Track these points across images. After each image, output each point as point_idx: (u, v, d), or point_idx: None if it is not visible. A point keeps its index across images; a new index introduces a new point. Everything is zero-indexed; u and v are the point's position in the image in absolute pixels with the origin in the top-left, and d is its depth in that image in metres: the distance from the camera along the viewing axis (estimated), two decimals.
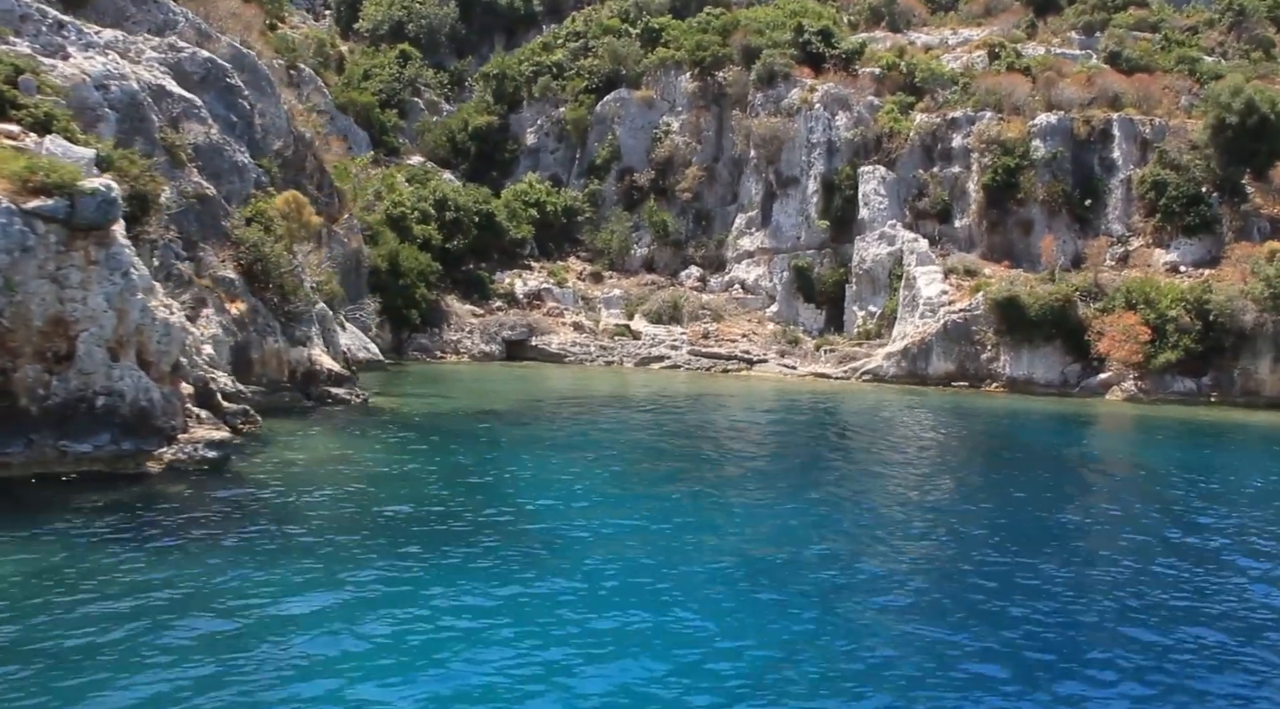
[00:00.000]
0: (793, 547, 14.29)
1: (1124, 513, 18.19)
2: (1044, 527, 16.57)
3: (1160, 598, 12.63)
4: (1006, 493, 19.52)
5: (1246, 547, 15.53)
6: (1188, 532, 16.47)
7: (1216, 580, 13.50)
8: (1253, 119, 46.00)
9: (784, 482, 19.56)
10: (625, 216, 57.43)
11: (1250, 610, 12.23)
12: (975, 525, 16.27)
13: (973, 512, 17.61)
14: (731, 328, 51.05)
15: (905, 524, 16.33)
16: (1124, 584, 13.21)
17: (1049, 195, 49.73)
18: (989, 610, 11.91)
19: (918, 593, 12.67)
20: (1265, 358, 43.22)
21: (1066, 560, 14.36)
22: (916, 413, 34.89)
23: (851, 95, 54.98)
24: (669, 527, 15.11)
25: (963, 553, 14.47)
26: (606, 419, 29.04)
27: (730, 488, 18.78)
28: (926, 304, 46.51)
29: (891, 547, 14.71)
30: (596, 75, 61.51)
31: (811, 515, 16.28)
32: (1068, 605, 12.18)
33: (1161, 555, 14.79)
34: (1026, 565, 13.82)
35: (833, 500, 17.76)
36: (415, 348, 45.77)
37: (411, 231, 48.16)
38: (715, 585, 12.30)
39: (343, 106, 59.28)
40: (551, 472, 19.32)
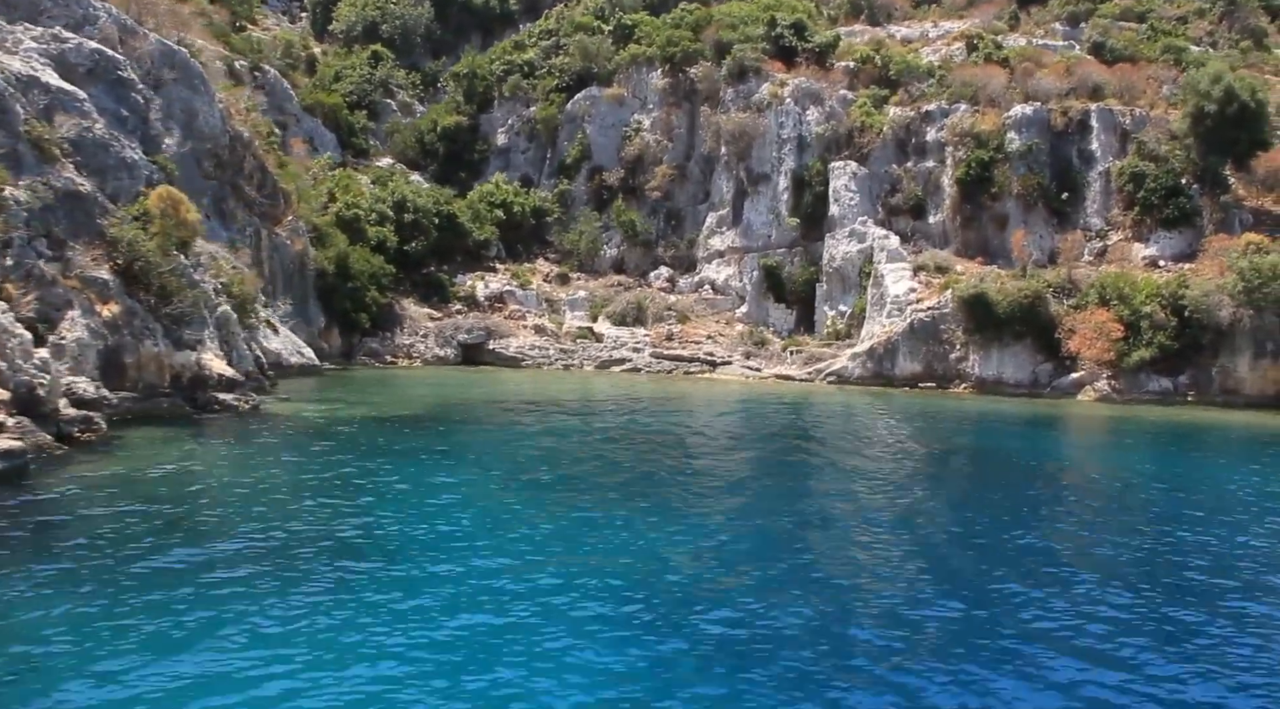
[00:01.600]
0: (671, 577, 12.78)
1: (1091, 535, 15.89)
2: (1002, 558, 14.14)
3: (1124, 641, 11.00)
4: (960, 515, 17.05)
5: (1225, 574, 13.60)
6: (1162, 558, 14.41)
7: (1192, 621, 11.72)
8: (1232, 107, 44.13)
9: (703, 497, 17.64)
10: (594, 217, 56.13)
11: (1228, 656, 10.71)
12: (923, 559, 14.08)
13: (919, 541, 15.14)
14: (697, 329, 49.58)
15: (844, 552, 14.45)
16: (1086, 616, 11.65)
17: (1024, 189, 48.00)
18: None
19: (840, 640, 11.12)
20: (1244, 355, 41.33)
21: (1027, 596, 12.33)
22: (875, 418, 33.31)
23: (824, 89, 53.46)
24: (534, 552, 13.57)
25: (909, 594, 12.33)
26: (526, 425, 27.64)
27: (630, 503, 16.75)
28: (894, 303, 44.91)
29: (817, 583, 12.93)
30: (568, 73, 60.29)
31: (713, 539, 14.68)
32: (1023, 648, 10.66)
33: (1127, 586, 12.93)
34: (976, 606, 12.01)
35: (748, 519, 16.12)
36: (365, 352, 44.56)
37: (365, 233, 47.03)
38: (567, 622, 10.82)
39: (310, 108, 58.32)
40: (430, 483, 17.92)
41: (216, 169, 38.53)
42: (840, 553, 14.22)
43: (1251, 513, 17.83)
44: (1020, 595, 12.25)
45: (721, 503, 17.27)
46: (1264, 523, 16.96)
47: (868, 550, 14.21)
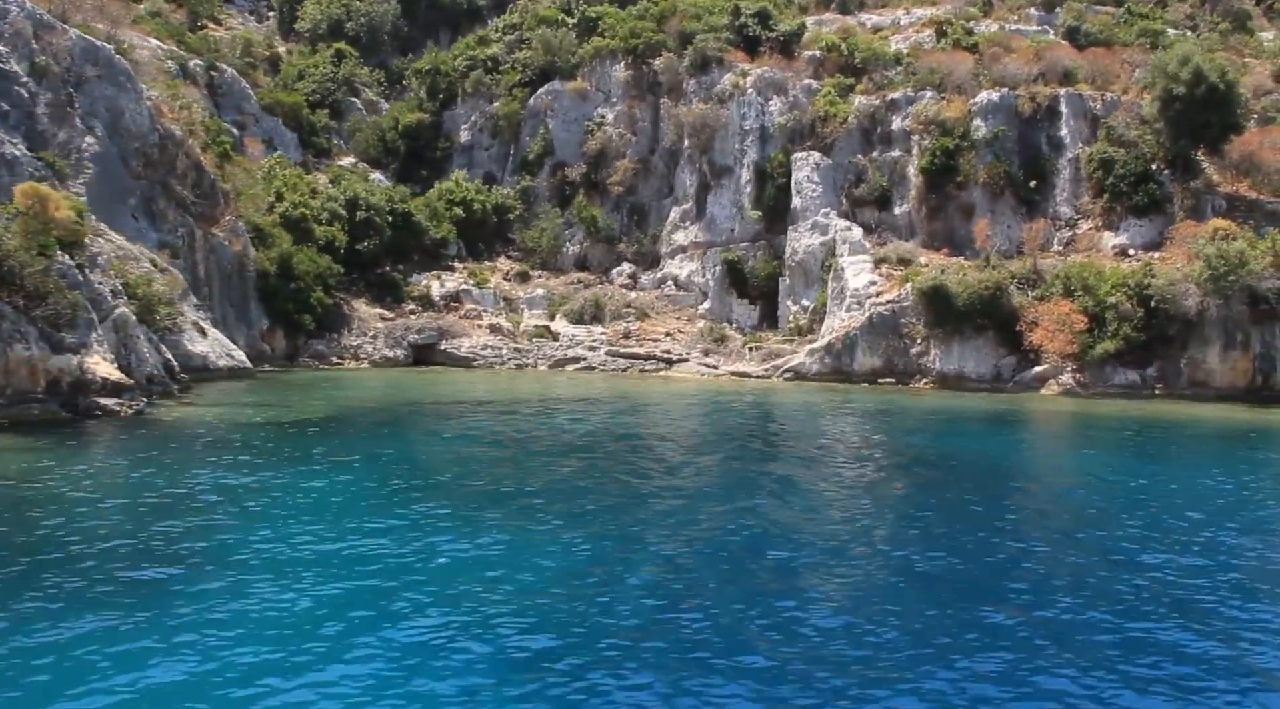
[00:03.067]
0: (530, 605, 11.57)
1: (1053, 551, 14.34)
2: (952, 580, 12.71)
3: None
4: (911, 534, 15.36)
5: (1194, 606, 11.99)
6: (1126, 576, 12.96)
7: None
8: (1201, 89, 42.53)
9: (587, 510, 16.11)
10: (556, 214, 54.88)
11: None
12: (874, 588, 12.45)
13: (867, 568, 13.45)
14: (656, 326, 48.30)
15: (762, 566, 13.23)
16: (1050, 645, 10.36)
17: (990, 177, 46.57)
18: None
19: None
20: (1214, 346, 39.87)
21: (982, 623, 11.17)
22: (826, 418, 31.86)
23: (788, 79, 52.09)
24: (378, 574, 12.34)
25: (860, 623, 10.94)
26: (442, 428, 26.42)
27: (526, 515, 15.54)
28: (853, 296, 43.55)
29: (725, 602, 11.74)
30: (531, 68, 59.05)
31: (599, 559, 13.48)
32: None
33: (1090, 608, 11.58)
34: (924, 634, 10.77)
35: (633, 536, 14.87)
36: (310, 354, 43.42)
37: (313, 233, 45.91)
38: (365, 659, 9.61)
39: (269, 107, 57.29)
40: (300, 491, 16.73)
41: (146, 168, 37.49)
42: (783, 576, 12.81)
43: (1223, 525, 15.93)
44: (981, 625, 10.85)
45: (617, 519, 15.88)
46: (1246, 536, 15.27)
47: (813, 574, 12.88)
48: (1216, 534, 15.17)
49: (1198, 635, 10.75)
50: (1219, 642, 10.58)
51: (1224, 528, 15.63)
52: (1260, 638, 10.70)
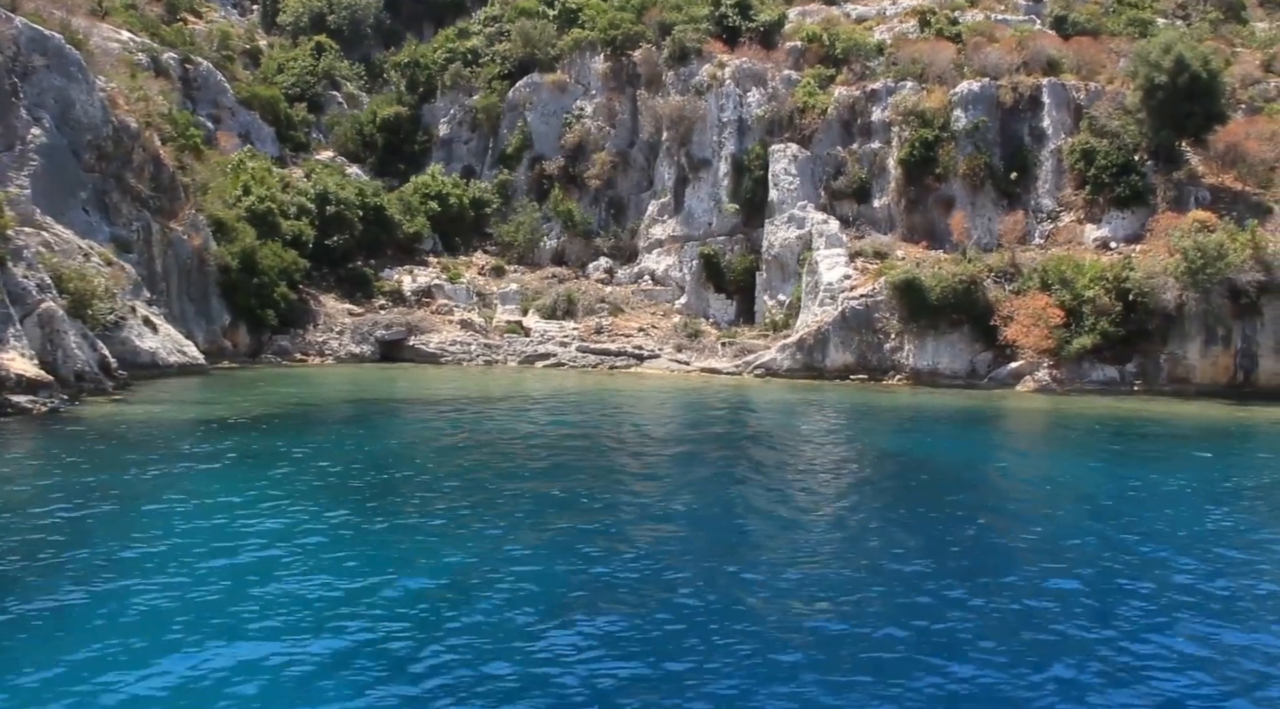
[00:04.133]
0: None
1: (1027, 584, 12.24)
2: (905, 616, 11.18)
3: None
4: (862, 551, 13.69)
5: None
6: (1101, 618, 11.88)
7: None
8: (1183, 78, 41.48)
9: (530, 516, 15.32)
10: (534, 208, 54.05)
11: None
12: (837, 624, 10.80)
13: (829, 602, 11.51)
14: (630, 321, 47.46)
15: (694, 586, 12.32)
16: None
17: (970, 169, 45.55)
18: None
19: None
20: (1194, 341, 38.89)
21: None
22: (789, 416, 30.98)
23: (768, 70, 51.17)
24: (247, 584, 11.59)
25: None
26: (385, 426, 25.65)
27: (450, 521, 14.68)
28: (827, 290, 42.65)
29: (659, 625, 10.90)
30: (510, 61, 58.24)
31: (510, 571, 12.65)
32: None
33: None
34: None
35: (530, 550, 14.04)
36: (274, 350, 42.69)
37: (279, 227, 45.17)
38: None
39: (246, 101, 56.60)
40: (187, 495, 15.93)
41: (99, 161, 36.77)
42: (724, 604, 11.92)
43: (1212, 548, 14.21)
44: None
45: (544, 528, 15.07)
46: (1236, 557, 13.74)
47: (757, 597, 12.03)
48: (1172, 557, 14.23)
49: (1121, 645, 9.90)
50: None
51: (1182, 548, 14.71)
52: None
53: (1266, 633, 10.57)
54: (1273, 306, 38.16)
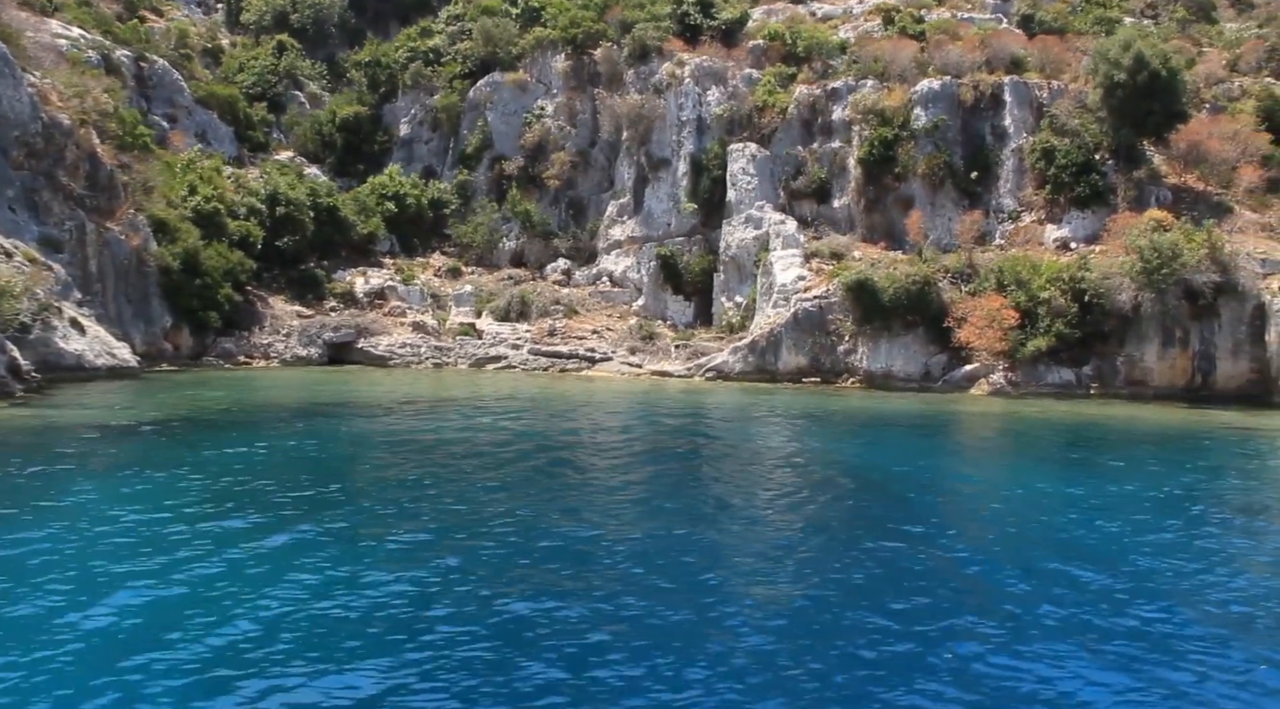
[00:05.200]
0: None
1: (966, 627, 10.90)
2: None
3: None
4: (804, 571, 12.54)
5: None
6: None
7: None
8: (1142, 76, 40.76)
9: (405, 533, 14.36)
10: (493, 208, 53.23)
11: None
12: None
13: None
14: (584, 324, 46.64)
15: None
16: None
17: (929, 168, 44.80)
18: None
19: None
20: (1152, 343, 38.14)
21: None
22: (729, 423, 30.13)
23: (729, 68, 50.41)
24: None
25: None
26: (287, 432, 24.79)
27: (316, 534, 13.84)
28: (781, 292, 41.88)
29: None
30: (472, 59, 57.46)
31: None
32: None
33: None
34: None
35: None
36: (218, 353, 41.82)
37: (226, 228, 44.31)
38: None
39: (204, 100, 55.78)
40: (59, 504, 15.10)
41: (28, 158, 35.97)
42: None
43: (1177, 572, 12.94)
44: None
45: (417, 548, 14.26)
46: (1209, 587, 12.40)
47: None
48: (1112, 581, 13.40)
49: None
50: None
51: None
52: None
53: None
54: (1230, 308, 37.42)
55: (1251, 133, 42.74)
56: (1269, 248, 38.91)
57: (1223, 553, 14.01)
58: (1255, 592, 12.15)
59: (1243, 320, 37.50)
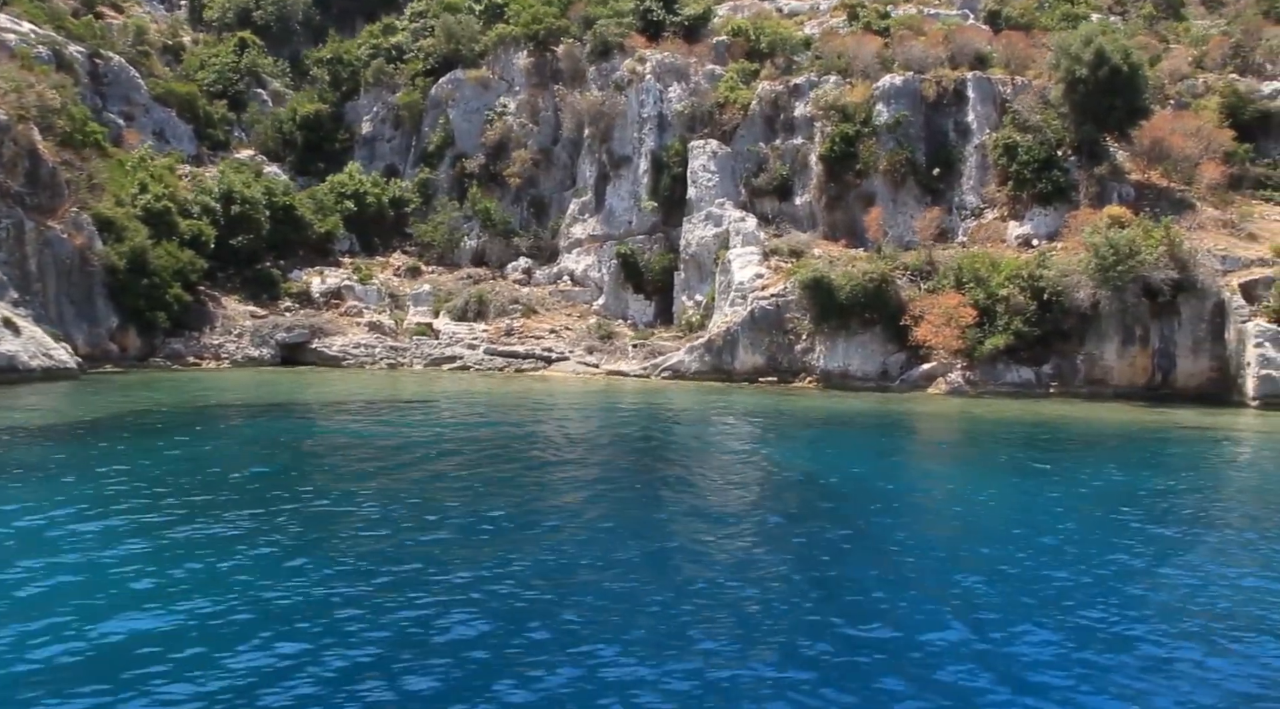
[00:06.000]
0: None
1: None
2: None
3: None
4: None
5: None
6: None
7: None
8: (1103, 71, 40.24)
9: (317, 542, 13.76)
10: (454, 207, 52.55)
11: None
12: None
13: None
14: (542, 323, 45.99)
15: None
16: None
17: (891, 165, 44.24)
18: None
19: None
20: (1112, 341, 37.61)
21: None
22: (677, 425, 29.48)
23: (691, 65, 49.80)
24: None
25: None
26: (225, 432, 24.14)
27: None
28: (738, 290, 41.28)
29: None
30: (434, 57, 56.79)
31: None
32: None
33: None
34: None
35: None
36: (166, 354, 41.05)
37: (177, 227, 43.54)
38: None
39: (162, 98, 55.02)
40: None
41: None
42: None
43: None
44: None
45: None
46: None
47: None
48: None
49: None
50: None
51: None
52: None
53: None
54: (1190, 306, 36.92)
55: (1214, 129, 42.28)
56: (1229, 245, 38.43)
57: (1137, 568, 13.44)
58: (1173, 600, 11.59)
59: (1203, 318, 37.00)
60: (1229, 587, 12.07)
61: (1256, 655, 9.73)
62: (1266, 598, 11.59)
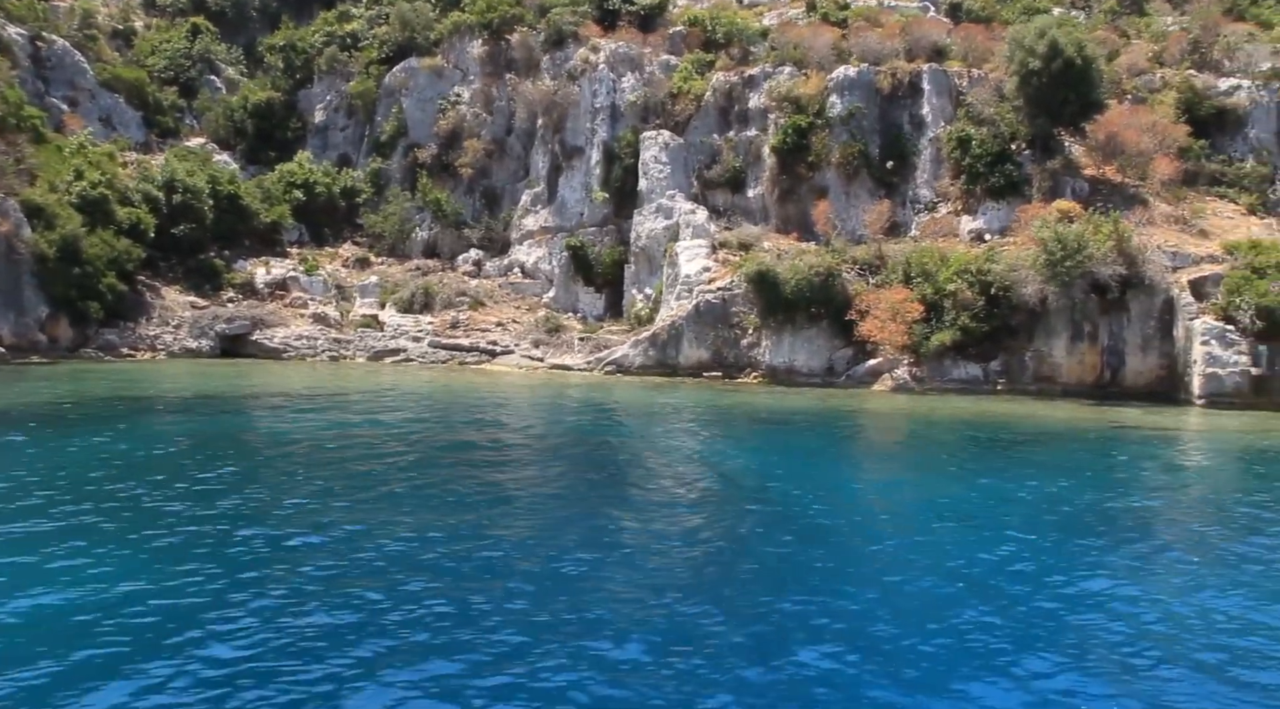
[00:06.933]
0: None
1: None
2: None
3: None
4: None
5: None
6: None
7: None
8: (1057, 64, 39.66)
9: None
10: (405, 197, 51.65)
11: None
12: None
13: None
14: (489, 316, 45.21)
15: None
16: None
17: (844, 158, 43.62)
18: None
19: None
20: (1060, 338, 37.08)
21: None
22: (607, 423, 28.76)
23: (645, 54, 49.04)
24: None
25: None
26: (124, 427, 23.27)
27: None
28: (684, 283, 40.58)
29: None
30: (389, 44, 55.82)
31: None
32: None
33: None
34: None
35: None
36: (99, 345, 40.08)
37: (114, 215, 42.54)
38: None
39: (109, 83, 53.91)
40: None
41: None
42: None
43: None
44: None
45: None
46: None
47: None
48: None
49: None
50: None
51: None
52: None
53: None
54: (1139, 302, 36.43)
55: (1169, 125, 41.78)
56: (1180, 241, 37.97)
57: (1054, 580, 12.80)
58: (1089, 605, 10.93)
59: (1152, 315, 36.52)
60: (1127, 603, 11.44)
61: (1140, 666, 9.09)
62: (1187, 620, 10.91)
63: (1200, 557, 13.53)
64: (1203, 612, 10.87)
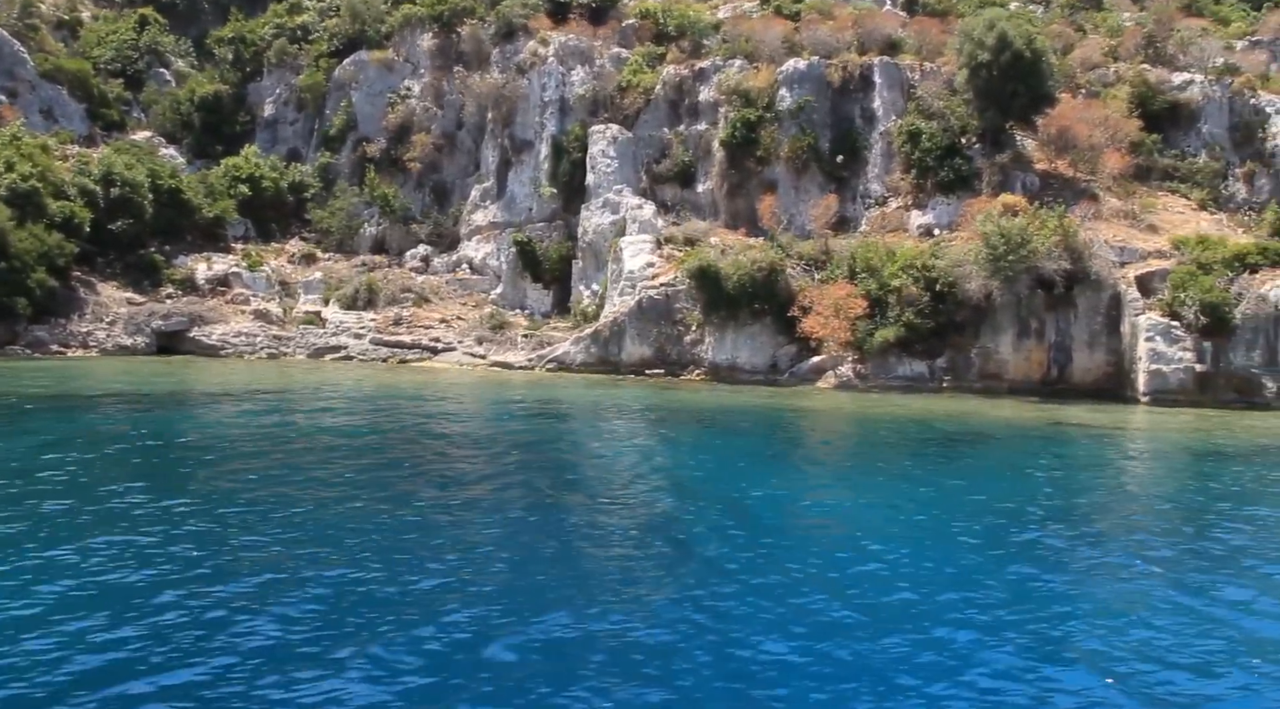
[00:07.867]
0: None
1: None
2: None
3: None
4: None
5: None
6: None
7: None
8: (1006, 56, 39.11)
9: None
10: (353, 192, 50.75)
11: None
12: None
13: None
14: (433, 312, 44.38)
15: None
16: None
17: (793, 152, 42.95)
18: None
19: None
20: (1006, 334, 36.49)
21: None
22: (543, 422, 27.99)
23: (595, 48, 48.27)
24: None
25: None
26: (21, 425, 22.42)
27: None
28: (628, 279, 39.85)
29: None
30: (340, 37, 54.91)
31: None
32: None
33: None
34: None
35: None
36: (27, 342, 39.07)
37: (46, 209, 41.53)
38: None
39: (50, 74, 52.81)
40: None
41: None
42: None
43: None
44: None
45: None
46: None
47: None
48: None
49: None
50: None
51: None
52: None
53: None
54: (1086, 298, 35.90)
55: (1121, 119, 41.27)
56: (1128, 236, 37.50)
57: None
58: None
59: (1099, 311, 36.00)
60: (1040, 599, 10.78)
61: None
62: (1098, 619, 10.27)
63: (1105, 554, 12.90)
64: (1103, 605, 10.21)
